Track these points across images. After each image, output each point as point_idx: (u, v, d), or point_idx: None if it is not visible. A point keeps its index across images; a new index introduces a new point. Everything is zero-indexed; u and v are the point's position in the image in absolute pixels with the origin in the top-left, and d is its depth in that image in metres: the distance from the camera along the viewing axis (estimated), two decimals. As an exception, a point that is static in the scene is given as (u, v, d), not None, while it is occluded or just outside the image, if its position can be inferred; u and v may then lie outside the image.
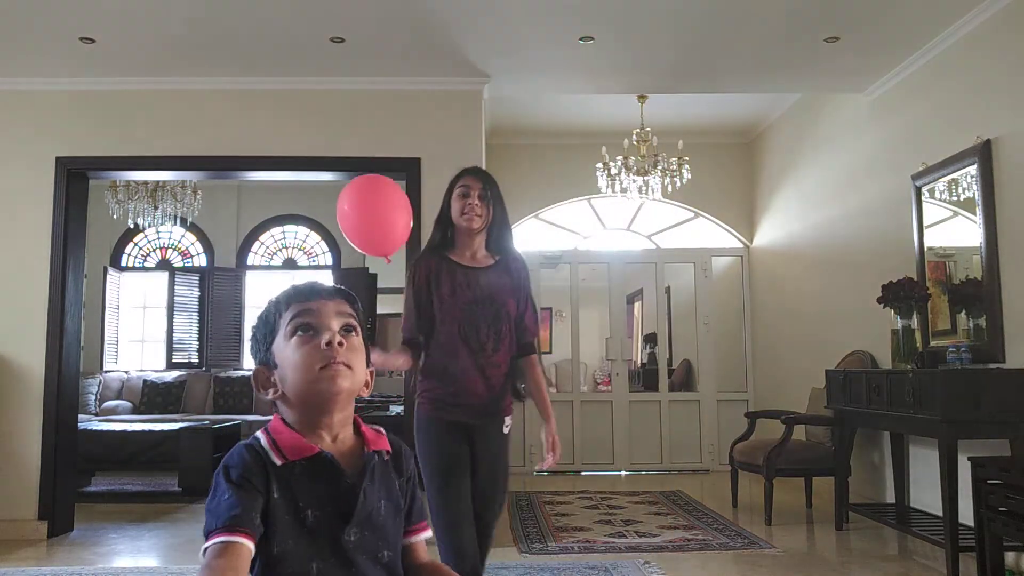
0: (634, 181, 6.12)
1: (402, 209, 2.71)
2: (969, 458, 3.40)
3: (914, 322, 4.30)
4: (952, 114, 4.35)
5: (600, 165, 6.19)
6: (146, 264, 9.11)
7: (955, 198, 4.32)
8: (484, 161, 5.04)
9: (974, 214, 4.10)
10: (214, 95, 5.00)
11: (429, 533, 1.40)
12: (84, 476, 6.04)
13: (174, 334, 8.77)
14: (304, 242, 9.14)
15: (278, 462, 1.18)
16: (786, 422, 5.03)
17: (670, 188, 6.21)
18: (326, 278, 8.37)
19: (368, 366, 1.32)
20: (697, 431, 7.34)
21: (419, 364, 2.48)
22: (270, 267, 9.10)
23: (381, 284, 7.95)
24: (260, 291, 9.02)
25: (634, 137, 6.13)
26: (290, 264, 9.11)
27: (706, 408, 7.38)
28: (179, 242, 9.14)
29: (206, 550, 1.09)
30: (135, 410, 8.09)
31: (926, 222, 4.57)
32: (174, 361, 8.73)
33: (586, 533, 4.62)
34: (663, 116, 6.52)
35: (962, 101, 4.27)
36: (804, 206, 6.37)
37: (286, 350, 1.23)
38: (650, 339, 9.10)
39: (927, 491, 4.48)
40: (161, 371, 8.63)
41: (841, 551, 4.32)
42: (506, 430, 2.49)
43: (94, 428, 6.41)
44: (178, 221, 7.92)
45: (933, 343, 4.43)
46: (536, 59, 4.78)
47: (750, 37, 4.48)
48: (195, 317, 8.81)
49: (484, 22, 4.25)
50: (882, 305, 4.37)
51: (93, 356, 8.33)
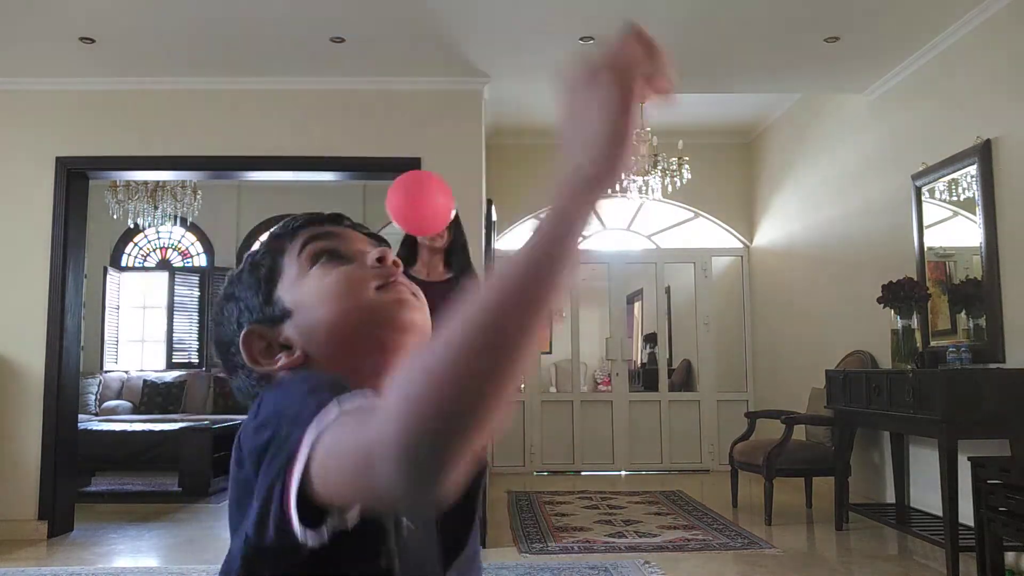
0: (634, 181, 6.11)
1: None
2: (969, 458, 3.40)
3: (914, 322, 4.30)
4: (952, 114, 4.35)
5: (600, 165, 6.18)
6: (146, 264, 9.11)
7: (955, 198, 4.32)
8: (484, 161, 5.04)
9: (974, 214, 4.10)
10: (214, 95, 5.00)
11: None
12: (84, 476, 6.03)
13: (174, 334, 8.78)
14: (304, 242, 9.14)
15: None
16: (786, 422, 5.03)
17: (670, 188, 6.21)
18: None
19: None
20: (697, 431, 7.34)
21: None
22: (270, 267, 9.09)
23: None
24: (260, 291, 9.02)
25: (634, 137, 6.12)
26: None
27: (706, 408, 7.37)
28: (179, 242, 9.14)
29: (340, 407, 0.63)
30: (135, 410, 8.10)
31: (926, 222, 4.57)
32: (174, 361, 8.74)
33: (586, 533, 4.62)
34: (663, 116, 6.51)
35: (962, 101, 4.27)
36: (804, 206, 6.37)
37: (307, 283, 0.83)
38: (650, 339, 9.10)
39: (927, 491, 4.47)
40: (161, 371, 8.63)
41: (841, 551, 4.32)
42: None
43: (94, 428, 6.41)
44: (178, 221, 7.93)
45: (933, 343, 4.43)
46: (536, 59, 4.78)
47: (750, 37, 4.48)
48: (195, 317, 8.81)
49: (484, 22, 4.25)
50: (882, 305, 4.37)
51: (93, 356, 8.33)
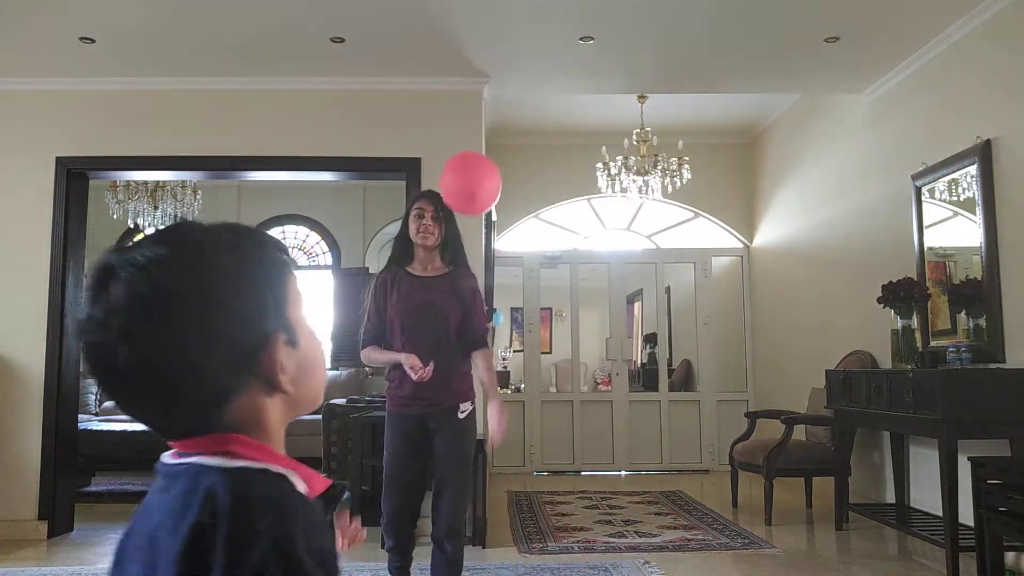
0: (634, 181, 6.12)
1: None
2: (969, 458, 3.40)
3: (914, 322, 4.30)
4: (952, 114, 4.35)
5: (600, 165, 6.18)
6: (146, 264, 9.10)
7: (955, 198, 4.32)
8: (484, 161, 5.04)
9: (974, 214, 4.10)
10: (214, 95, 4.99)
11: None
12: (84, 476, 6.03)
13: (174, 334, 8.76)
14: (304, 242, 9.14)
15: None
16: (786, 422, 5.03)
17: (670, 188, 6.21)
18: (326, 278, 8.36)
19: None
20: (697, 431, 7.34)
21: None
22: (270, 267, 9.09)
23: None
24: (260, 291, 9.01)
25: (634, 137, 6.13)
26: (290, 264, 9.10)
27: (706, 408, 7.37)
28: (179, 242, 9.13)
29: None
30: (135, 410, 8.09)
31: (926, 222, 4.57)
32: (174, 361, 8.73)
33: (586, 533, 4.62)
34: (663, 116, 6.52)
35: (962, 101, 4.27)
36: (804, 206, 6.37)
37: (306, 327, 0.83)
38: (650, 339, 9.11)
39: (927, 491, 4.47)
40: (161, 371, 8.62)
41: (841, 551, 4.32)
42: (461, 415, 2.83)
43: (94, 428, 6.41)
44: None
45: (933, 343, 4.43)
46: (536, 59, 4.78)
47: (750, 37, 4.48)
48: (195, 317, 8.80)
49: (484, 22, 4.25)
50: (882, 305, 4.37)
51: (93, 356, 8.32)
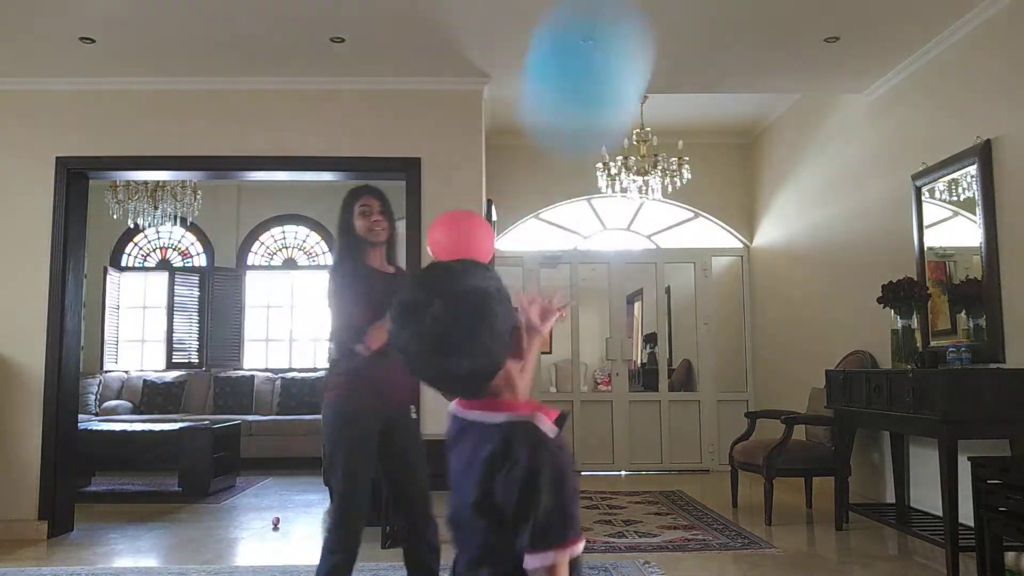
0: (634, 181, 6.11)
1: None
2: (969, 458, 3.40)
3: (914, 322, 4.30)
4: (952, 114, 4.35)
5: (600, 165, 6.18)
6: (146, 264, 9.11)
7: (955, 198, 4.32)
8: (484, 161, 5.04)
9: (974, 214, 4.10)
10: (214, 95, 5.00)
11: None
12: (84, 476, 6.04)
13: (174, 334, 8.78)
14: (304, 242, 9.14)
15: None
16: (786, 422, 5.03)
17: (670, 188, 6.20)
18: (326, 278, 8.36)
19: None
20: (697, 431, 7.34)
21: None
22: (270, 267, 9.10)
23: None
24: (260, 291, 9.02)
25: (634, 137, 6.13)
26: (290, 264, 9.11)
27: (706, 408, 7.37)
28: (179, 242, 9.14)
29: (559, 550, 1.06)
30: (135, 410, 8.10)
31: (926, 222, 4.57)
32: (174, 361, 8.74)
33: (586, 533, 4.62)
34: (663, 116, 6.51)
35: (962, 101, 4.27)
36: (804, 206, 6.37)
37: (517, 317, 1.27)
38: (650, 339, 9.10)
39: (927, 491, 4.48)
40: (161, 371, 8.63)
41: (841, 551, 4.32)
42: (413, 415, 2.89)
43: (94, 428, 6.41)
44: (178, 221, 7.92)
45: (933, 343, 4.43)
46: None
47: (750, 37, 4.48)
48: (195, 317, 8.81)
49: (484, 22, 4.25)
50: (882, 305, 4.37)
51: (93, 356, 8.33)
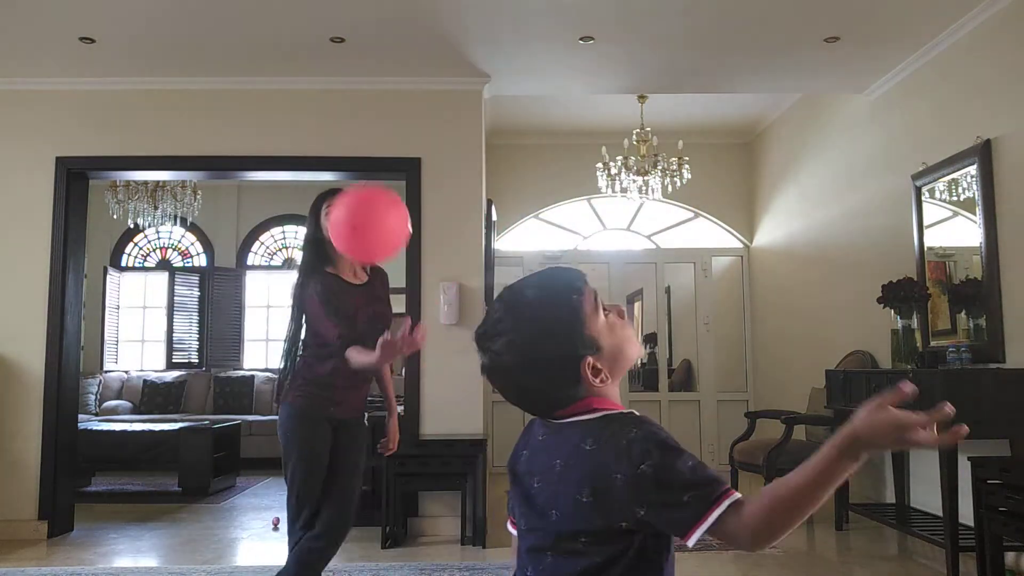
0: (634, 181, 6.11)
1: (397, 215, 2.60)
2: (969, 458, 3.40)
3: (914, 322, 4.30)
4: (952, 114, 4.35)
5: (600, 165, 6.18)
6: (146, 264, 9.11)
7: (955, 198, 4.32)
8: (484, 161, 5.04)
9: (974, 214, 4.10)
10: (214, 95, 5.00)
11: None
12: (84, 476, 6.04)
13: (174, 334, 8.78)
14: (304, 242, 9.13)
15: None
16: (786, 422, 5.03)
17: (670, 188, 6.21)
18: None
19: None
20: (697, 431, 7.34)
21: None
22: (270, 267, 9.10)
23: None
24: (260, 291, 9.02)
25: (634, 137, 6.13)
26: (290, 264, 9.10)
27: (706, 408, 7.38)
28: (179, 242, 9.14)
29: (721, 506, 0.98)
30: (135, 410, 8.10)
31: (926, 222, 4.57)
32: (174, 361, 8.74)
33: (586, 533, 4.62)
34: (663, 116, 6.52)
35: (962, 101, 4.27)
36: (804, 206, 6.37)
37: (605, 327, 1.17)
38: (650, 339, 9.09)
39: (927, 491, 4.48)
40: (161, 371, 8.63)
41: (841, 551, 4.32)
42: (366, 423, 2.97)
43: (94, 428, 6.41)
44: (178, 221, 7.92)
45: (933, 343, 4.43)
46: (536, 59, 4.78)
47: (750, 37, 4.48)
48: (195, 317, 8.81)
49: (484, 22, 4.25)
50: (882, 305, 4.37)
51: (93, 356, 8.33)
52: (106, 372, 8.48)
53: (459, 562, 4.05)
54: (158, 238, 9.12)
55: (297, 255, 9.12)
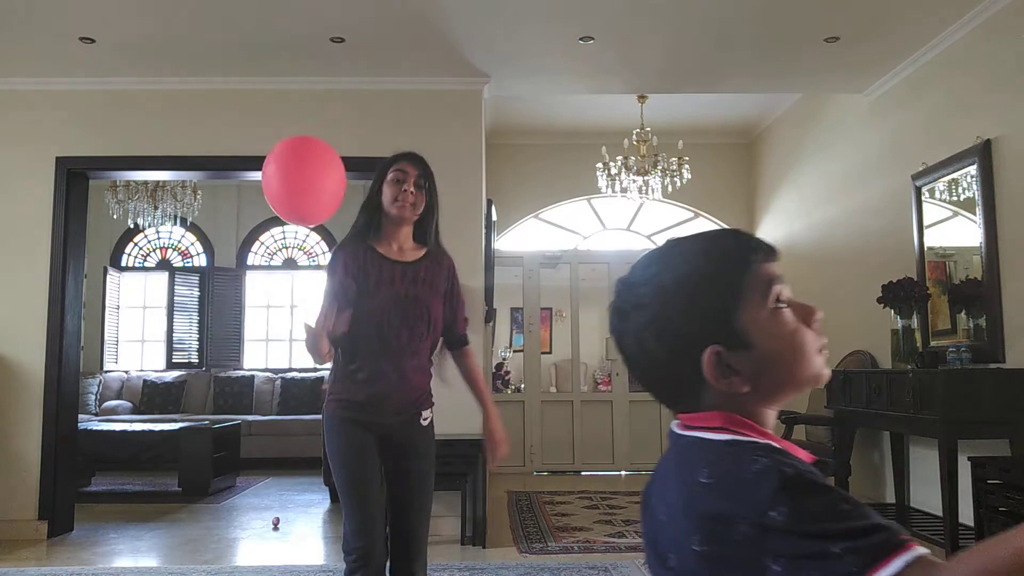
0: (634, 181, 6.11)
1: (331, 170, 2.45)
2: (969, 458, 3.40)
3: (914, 322, 4.30)
4: (952, 114, 4.35)
5: (600, 165, 6.19)
6: (146, 264, 9.11)
7: (955, 198, 4.32)
8: (484, 161, 5.04)
9: (974, 214, 4.10)
10: (214, 95, 5.00)
11: None
12: (84, 476, 6.04)
13: (174, 334, 8.78)
14: (304, 242, 9.14)
15: None
16: (786, 422, 5.03)
17: (670, 188, 6.21)
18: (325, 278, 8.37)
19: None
20: (697, 431, 7.33)
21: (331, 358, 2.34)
22: (270, 267, 9.11)
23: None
24: (260, 291, 9.03)
25: (634, 137, 6.13)
26: (290, 264, 9.11)
27: (706, 408, 7.36)
28: (179, 242, 9.14)
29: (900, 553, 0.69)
30: (135, 410, 8.10)
31: (926, 222, 4.57)
32: (174, 361, 8.74)
33: (586, 533, 4.62)
34: (663, 116, 6.52)
35: (962, 101, 4.27)
36: (804, 206, 6.37)
37: (769, 322, 0.88)
38: (650, 339, 9.09)
39: (927, 491, 4.48)
40: (161, 371, 8.64)
41: (841, 551, 4.32)
42: (424, 423, 2.38)
43: (94, 428, 6.41)
44: (178, 221, 7.93)
45: (933, 343, 4.43)
46: (536, 59, 4.78)
47: (750, 37, 4.48)
48: (195, 317, 8.81)
49: (484, 22, 4.25)
50: (882, 305, 4.37)
51: (93, 356, 8.33)
52: (106, 372, 8.48)
53: (459, 562, 4.05)
54: (158, 238, 9.12)
55: (298, 255, 9.12)
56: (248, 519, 5.21)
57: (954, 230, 4.39)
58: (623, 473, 7.20)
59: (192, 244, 9.12)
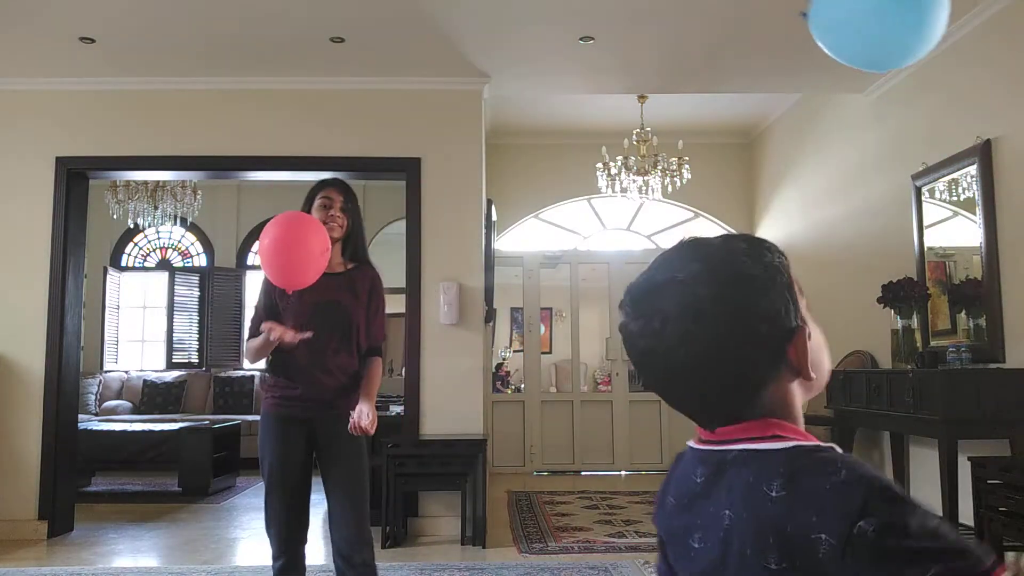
0: (634, 181, 6.12)
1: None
2: (969, 458, 3.40)
3: (914, 322, 4.30)
4: (952, 114, 4.35)
5: (600, 165, 6.19)
6: (146, 264, 9.11)
7: (955, 198, 4.32)
8: (484, 161, 5.04)
9: (974, 214, 4.10)
10: (214, 95, 5.00)
11: None
12: (84, 476, 6.04)
13: (174, 334, 8.77)
14: (304, 242, 9.13)
15: None
16: (786, 422, 5.02)
17: (670, 188, 6.21)
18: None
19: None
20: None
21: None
22: (270, 267, 9.09)
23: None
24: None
25: (634, 137, 6.13)
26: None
27: (706, 408, 7.36)
28: (179, 242, 9.14)
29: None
30: (135, 410, 8.09)
31: (926, 222, 4.57)
32: (174, 361, 8.73)
33: (586, 533, 4.62)
34: (663, 116, 6.52)
35: (962, 101, 4.27)
36: (804, 206, 6.37)
37: (815, 330, 0.90)
38: (650, 339, 9.09)
39: (927, 491, 4.47)
40: (161, 371, 8.63)
41: (841, 551, 4.31)
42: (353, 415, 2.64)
43: (94, 428, 6.41)
44: (178, 221, 7.92)
45: (933, 343, 4.43)
46: (536, 59, 4.78)
47: (750, 37, 4.48)
48: (195, 317, 8.81)
49: (484, 22, 4.25)
50: (882, 305, 4.37)
51: (93, 356, 8.32)
52: (106, 372, 8.48)
53: (459, 562, 4.05)
54: (158, 238, 9.12)
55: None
56: (248, 519, 5.21)
57: (954, 230, 4.39)
58: (623, 473, 7.20)
59: (192, 244, 9.12)
